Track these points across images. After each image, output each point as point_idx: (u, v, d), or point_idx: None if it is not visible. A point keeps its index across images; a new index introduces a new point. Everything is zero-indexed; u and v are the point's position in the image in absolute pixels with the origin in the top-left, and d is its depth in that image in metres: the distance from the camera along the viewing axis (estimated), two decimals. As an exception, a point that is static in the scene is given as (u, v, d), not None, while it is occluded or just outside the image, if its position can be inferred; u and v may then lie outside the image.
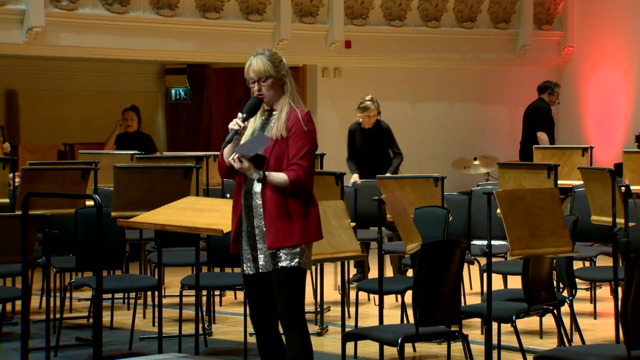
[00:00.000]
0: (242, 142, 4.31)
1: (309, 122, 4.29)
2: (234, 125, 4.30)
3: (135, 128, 9.74)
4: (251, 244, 4.32)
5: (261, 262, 4.31)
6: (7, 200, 6.80)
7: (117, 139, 9.75)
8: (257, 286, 4.35)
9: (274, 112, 4.33)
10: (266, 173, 4.23)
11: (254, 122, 4.36)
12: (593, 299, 7.25)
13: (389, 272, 7.45)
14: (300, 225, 4.24)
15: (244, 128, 4.32)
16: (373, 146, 8.55)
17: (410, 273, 6.46)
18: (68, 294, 7.20)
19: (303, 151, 4.23)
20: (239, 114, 4.31)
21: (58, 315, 6.38)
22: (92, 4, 9.70)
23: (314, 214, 4.30)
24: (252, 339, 6.25)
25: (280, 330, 4.38)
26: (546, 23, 12.08)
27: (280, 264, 4.25)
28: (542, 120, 10.28)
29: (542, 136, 10.23)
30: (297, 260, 4.25)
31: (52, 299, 6.26)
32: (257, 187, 4.28)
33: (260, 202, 4.26)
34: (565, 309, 5.66)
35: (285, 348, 4.35)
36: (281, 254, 4.25)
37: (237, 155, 4.21)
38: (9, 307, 6.85)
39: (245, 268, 4.36)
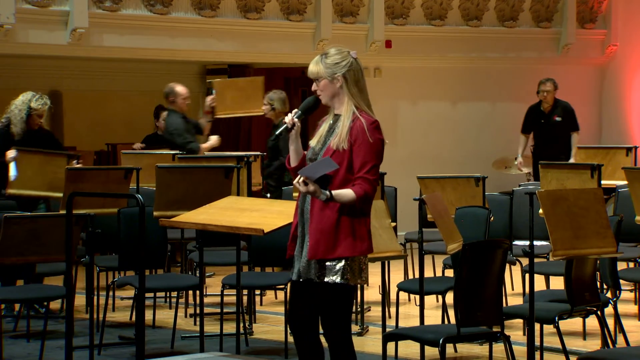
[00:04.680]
0: (312, 144, 4.16)
1: (375, 132, 4.06)
2: (286, 119, 4.13)
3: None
4: (300, 249, 4.16)
5: (301, 269, 4.13)
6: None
7: (146, 140, 9.54)
8: (297, 292, 4.18)
9: (339, 117, 4.13)
10: (333, 193, 4.00)
11: (326, 124, 4.17)
12: (637, 300, 7.17)
13: (429, 272, 7.43)
14: (346, 237, 4.02)
15: (294, 125, 4.12)
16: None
17: (451, 273, 6.44)
18: (111, 293, 7.27)
19: (369, 164, 4.01)
20: (295, 110, 4.16)
21: (102, 314, 6.45)
22: (134, 5, 9.79)
23: (364, 226, 4.07)
24: (292, 339, 6.28)
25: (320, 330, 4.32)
26: (589, 21, 11.96)
27: (325, 279, 4.07)
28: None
29: (520, 137, 10.19)
30: (340, 276, 4.05)
31: (95, 297, 6.32)
32: None
33: (309, 207, 4.09)
34: (609, 310, 5.60)
35: (323, 350, 4.23)
36: (325, 268, 4.06)
37: (301, 178, 4.00)
38: (54, 305, 6.93)
39: (291, 272, 4.21)
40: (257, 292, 7.49)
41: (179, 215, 5.00)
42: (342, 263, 4.06)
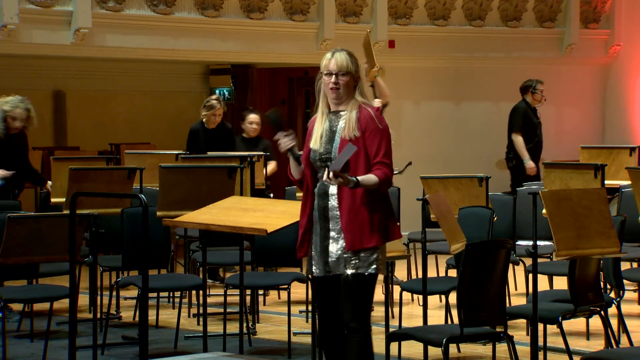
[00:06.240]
0: (314, 146, 4.27)
1: (381, 118, 4.28)
2: (287, 146, 4.28)
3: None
4: (323, 245, 4.27)
5: (332, 265, 4.25)
6: None
7: (242, 141, 8.92)
8: (327, 289, 4.30)
9: (341, 113, 4.30)
10: (359, 179, 4.17)
11: (322, 123, 4.30)
12: (641, 301, 7.17)
13: (432, 272, 7.43)
14: (379, 225, 4.21)
15: (293, 139, 4.29)
16: (217, 147, 8.28)
17: (454, 273, 6.43)
18: (114, 293, 7.27)
19: (384, 149, 4.22)
20: (279, 134, 4.28)
21: (105, 312, 6.44)
22: (137, 5, 9.80)
23: (392, 213, 4.29)
24: (295, 339, 6.28)
25: None
26: (593, 22, 11.95)
27: (359, 270, 4.21)
28: (516, 121, 9.85)
29: (515, 138, 9.82)
30: (374, 266, 4.23)
31: (98, 297, 6.33)
32: (333, 188, 4.24)
33: (336, 204, 4.23)
34: (612, 310, 5.59)
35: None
36: (359, 260, 4.21)
37: (331, 173, 4.11)
38: (57, 304, 6.93)
39: (314, 270, 4.31)
40: (261, 292, 7.49)
41: (182, 215, 5.00)
42: (376, 254, 4.22)
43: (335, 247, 4.24)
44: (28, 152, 7.62)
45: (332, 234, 4.25)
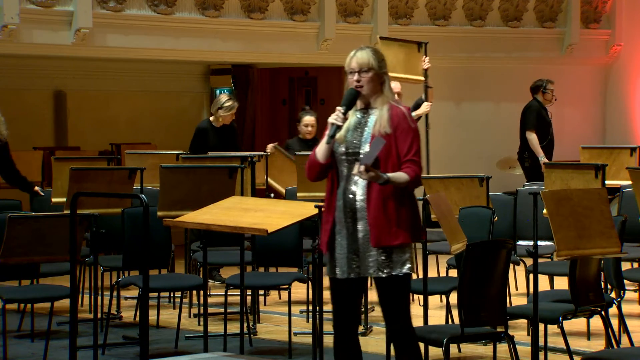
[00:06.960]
0: (336, 136, 4.22)
1: (412, 118, 4.28)
2: (335, 120, 4.19)
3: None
4: (351, 247, 4.22)
5: (362, 267, 4.22)
6: None
7: (299, 142, 8.66)
8: (349, 290, 4.27)
9: (369, 110, 4.26)
10: (389, 175, 4.13)
11: (349, 118, 4.26)
12: (641, 301, 7.16)
13: (433, 272, 7.42)
14: (406, 223, 4.18)
15: (344, 121, 4.22)
16: (226, 145, 8.32)
17: (454, 273, 6.43)
18: (115, 293, 7.27)
19: (414, 148, 4.20)
20: (338, 108, 4.21)
21: (106, 312, 6.44)
22: (138, 5, 9.80)
23: (418, 211, 4.27)
24: (296, 339, 6.28)
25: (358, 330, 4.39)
26: (593, 22, 11.95)
27: (393, 272, 4.19)
28: (530, 119, 9.91)
29: (529, 135, 9.89)
30: (408, 266, 4.22)
31: (99, 297, 6.33)
32: (360, 189, 4.19)
33: (364, 204, 4.18)
34: (613, 310, 5.59)
35: (360, 352, 4.34)
36: (391, 261, 4.18)
37: (362, 167, 4.08)
38: (59, 304, 6.94)
39: (337, 271, 4.25)
40: (261, 292, 7.49)
41: (183, 215, 5.00)
42: (408, 254, 4.21)
43: (365, 249, 4.19)
44: (10, 156, 7.49)
45: (360, 235, 4.19)
